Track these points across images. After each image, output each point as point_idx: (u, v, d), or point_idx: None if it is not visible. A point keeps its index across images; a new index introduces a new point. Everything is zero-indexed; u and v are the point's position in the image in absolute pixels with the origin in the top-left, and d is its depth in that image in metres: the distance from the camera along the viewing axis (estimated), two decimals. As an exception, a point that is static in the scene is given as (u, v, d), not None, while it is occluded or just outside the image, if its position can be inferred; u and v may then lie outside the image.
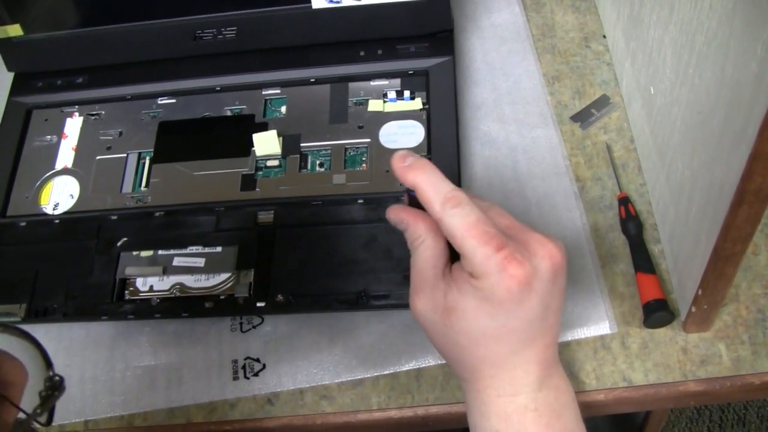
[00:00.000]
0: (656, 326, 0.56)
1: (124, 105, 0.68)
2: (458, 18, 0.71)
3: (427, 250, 0.44)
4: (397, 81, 0.65)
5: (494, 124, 0.65)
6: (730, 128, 0.41)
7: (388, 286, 0.56)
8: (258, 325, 0.59)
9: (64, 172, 0.65)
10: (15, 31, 0.67)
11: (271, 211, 0.60)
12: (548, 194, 0.61)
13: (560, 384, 0.45)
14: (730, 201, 0.41)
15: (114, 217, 0.61)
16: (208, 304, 0.57)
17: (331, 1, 0.65)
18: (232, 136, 0.64)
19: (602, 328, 0.56)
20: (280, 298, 0.56)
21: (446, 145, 0.61)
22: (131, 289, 0.59)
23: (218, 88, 0.67)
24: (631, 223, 0.59)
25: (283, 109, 0.65)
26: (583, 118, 0.65)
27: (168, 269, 0.59)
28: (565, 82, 0.67)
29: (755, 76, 0.37)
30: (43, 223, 0.62)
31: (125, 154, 0.65)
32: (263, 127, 0.64)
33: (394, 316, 0.57)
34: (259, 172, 0.62)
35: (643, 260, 0.57)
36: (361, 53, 0.66)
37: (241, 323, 0.59)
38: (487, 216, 0.42)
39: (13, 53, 0.69)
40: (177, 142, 0.65)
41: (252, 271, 0.58)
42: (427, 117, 0.63)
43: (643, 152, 0.61)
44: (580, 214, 0.60)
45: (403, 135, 0.62)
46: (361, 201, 0.59)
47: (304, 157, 0.63)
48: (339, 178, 0.61)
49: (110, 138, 0.66)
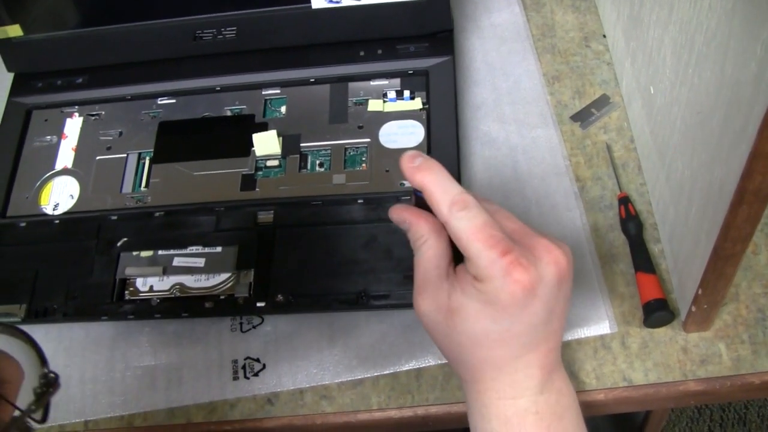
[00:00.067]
0: (656, 326, 0.56)
1: (124, 105, 0.68)
2: (458, 18, 0.71)
3: (430, 250, 0.44)
4: (397, 81, 0.65)
5: (494, 124, 0.65)
6: (730, 128, 0.41)
7: (388, 286, 0.56)
8: (258, 325, 0.59)
9: (64, 172, 0.65)
10: (15, 31, 0.67)
11: (271, 211, 0.60)
12: (548, 194, 0.61)
13: (562, 387, 0.45)
14: (730, 200, 0.41)
15: (114, 218, 0.62)
16: (208, 304, 0.57)
17: (331, 1, 0.65)
18: (232, 136, 0.64)
19: (602, 327, 0.56)
20: (280, 298, 0.56)
21: (446, 145, 0.61)
22: (131, 289, 0.59)
23: (218, 88, 0.67)
24: (631, 222, 0.59)
25: (283, 109, 0.65)
26: (583, 117, 0.65)
27: (168, 269, 0.59)
28: (565, 82, 0.67)
29: (755, 75, 0.37)
30: (43, 223, 0.62)
31: (125, 155, 0.65)
32: (263, 127, 0.64)
33: (394, 316, 0.57)
34: (259, 172, 0.62)
35: (643, 260, 0.57)
36: (361, 53, 0.66)
37: (241, 323, 0.59)
38: (494, 219, 0.41)
39: (13, 54, 0.69)
40: (177, 142, 0.65)
41: (252, 271, 0.58)
42: (427, 117, 0.63)
43: (643, 152, 0.61)
44: (580, 214, 0.60)
45: (403, 135, 0.62)
46: (360, 201, 0.59)
47: (303, 157, 0.63)
48: (339, 178, 0.61)
49: (110, 138, 0.66)
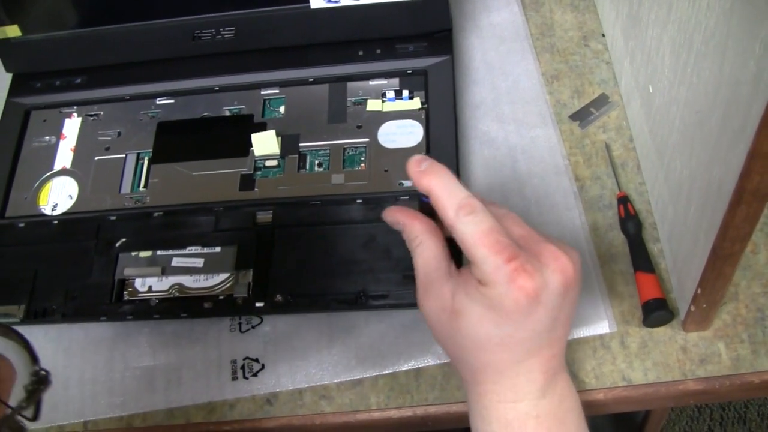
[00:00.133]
0: (655, 325, 0.56)
1: (123, 105, 0.68)
2: (457, 17, 0.71)
3: (426, 251, 0.44)
4: (396, 80, 0.65)
5: (493, 124, 0.65)
6: (729, 127, 0.41)
7: (387, 286, 0.56)
8: (257, 326, 0.59)
9: (63, 172, 0.65)
10: (13, 31, 0.67)
11: (270, 211, 0.60)
12: (547, 193, 0.61)
13: (565, 391, 0.45)
14: (729, 200, 0.41)
15: (113, 218, 0.61)
16: (207, 305, 0.57)
17: (330, 1, 0.65)
18: (230, 136, 0.64)
19: (601, 327, 0.56)
20: (279, 298, 0.56)
21: (445, 145, 0.61)
22: (130, 289, 0.59)
23: (217, 88, 0.67)
24: (631, 222, 0.59)
25: (282, 109, 0.65)
26: (582, 117, 0.65)
27: (167, 270, 0.59)
28: (564, 81, 0.67)
29: (753, 74, 0.37)
30: (42, 223, 0.62)
31: (124, 155, 0.65)
32: (262, 127, 0.64)
33: (393, 316, 0.57)
34: (258, 172, 0.62)
35: (642, 259, 0.57)
36: (360, 53, 0.66)
37: (240, 323, 0.59)
38: (501, 225, 0.41)
39: (12, 54, 0.69)
40: (176, 142, 0.65)
41: (251, 272, 0.58)
42: (426, 116, 0.63)
43: (642, 151, 0.61)
44: (579, 214, 0.60)
45: (402, 135, 0.62)
46: (359, 201, 0.59)
47: (302, 157, 0.62)
48: (338, 178, 0.61)
49: (109, 138, 0.66)
